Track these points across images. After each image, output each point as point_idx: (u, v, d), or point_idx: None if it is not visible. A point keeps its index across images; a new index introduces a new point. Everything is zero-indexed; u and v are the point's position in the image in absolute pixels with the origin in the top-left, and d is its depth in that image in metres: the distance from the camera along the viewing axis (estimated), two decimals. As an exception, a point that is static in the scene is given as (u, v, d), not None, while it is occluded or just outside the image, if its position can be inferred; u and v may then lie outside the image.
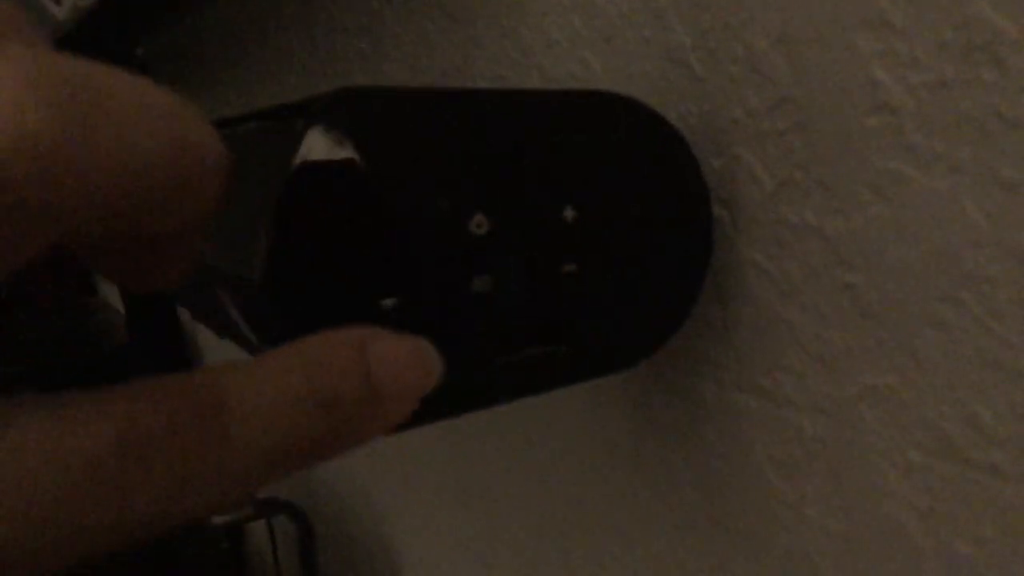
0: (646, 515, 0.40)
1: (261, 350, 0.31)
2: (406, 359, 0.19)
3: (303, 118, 0.24)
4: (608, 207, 0.28)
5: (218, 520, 0.97)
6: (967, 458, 0.25)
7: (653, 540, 0.40)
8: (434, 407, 0.26)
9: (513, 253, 0.26)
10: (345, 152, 0.24)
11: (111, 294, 1.75)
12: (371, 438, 0.18)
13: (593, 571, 0.46)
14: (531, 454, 0.49)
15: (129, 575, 0.91)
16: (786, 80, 0.27)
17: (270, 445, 0.16)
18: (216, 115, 0.77)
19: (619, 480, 0.41)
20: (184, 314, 1.25)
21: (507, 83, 0.42)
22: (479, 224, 0.26)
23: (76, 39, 0.78)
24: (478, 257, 0.26)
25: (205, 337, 1.22)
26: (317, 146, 0.24)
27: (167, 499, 0.14)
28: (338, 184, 0.28)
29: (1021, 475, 0.24)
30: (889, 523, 0.28)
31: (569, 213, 0.27)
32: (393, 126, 0.24)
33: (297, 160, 0.23)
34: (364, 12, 0.54)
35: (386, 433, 0.19)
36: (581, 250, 0.27)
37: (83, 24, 0.75)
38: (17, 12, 0.14)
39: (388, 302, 0.25)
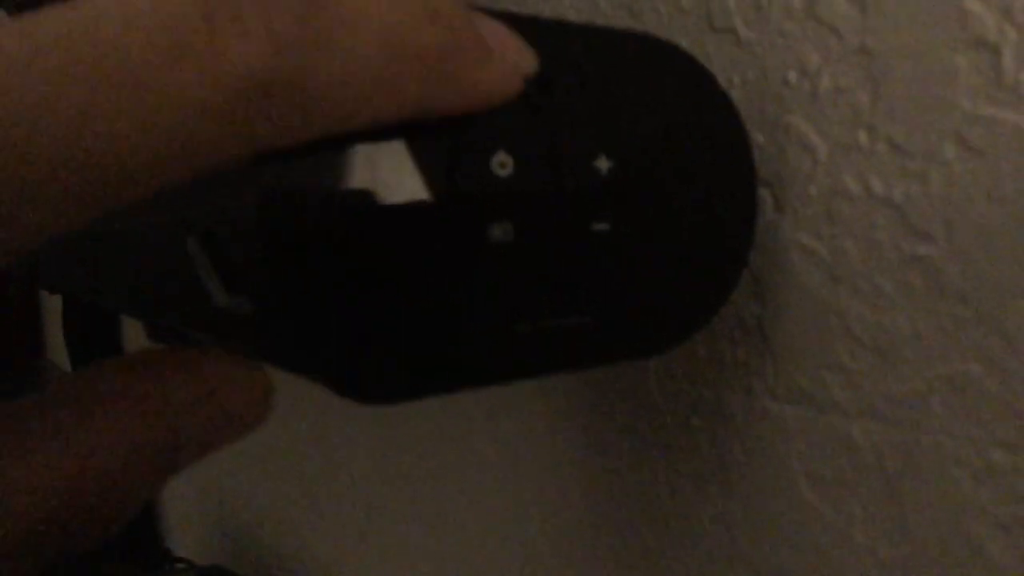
0: (653, 555, 0.36)
1: (218, 324, 0.27)
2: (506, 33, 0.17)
3: None
4: (647, 163, 0.25)
5: (155, 586, 0.90)
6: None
7: (658, 583, 0.35)
8: (445, 376, 0.23)
9: (538, 199, 0.23)
10: None
11: (59, 354, 1.69)
12: (474, 85, 0.16)
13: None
14: (510, 492, 0.45)
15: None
16: (854, 27, 0.24)
17: (378, 31, 0.14)
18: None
19: (621, 514, 0.37)
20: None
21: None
22: (502, 163, 0.22)
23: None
24: (499, 200, 0.22)
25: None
26: None
27: (272, 54, 0.12)
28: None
29: None
30: (960, 541, 0.24)
31: (603, 163, 0.24)
32: None
33: None
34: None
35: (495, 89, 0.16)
36: (614, 207, 0.24)
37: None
38: None
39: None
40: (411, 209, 0.21)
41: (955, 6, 0.22)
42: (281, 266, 0.21)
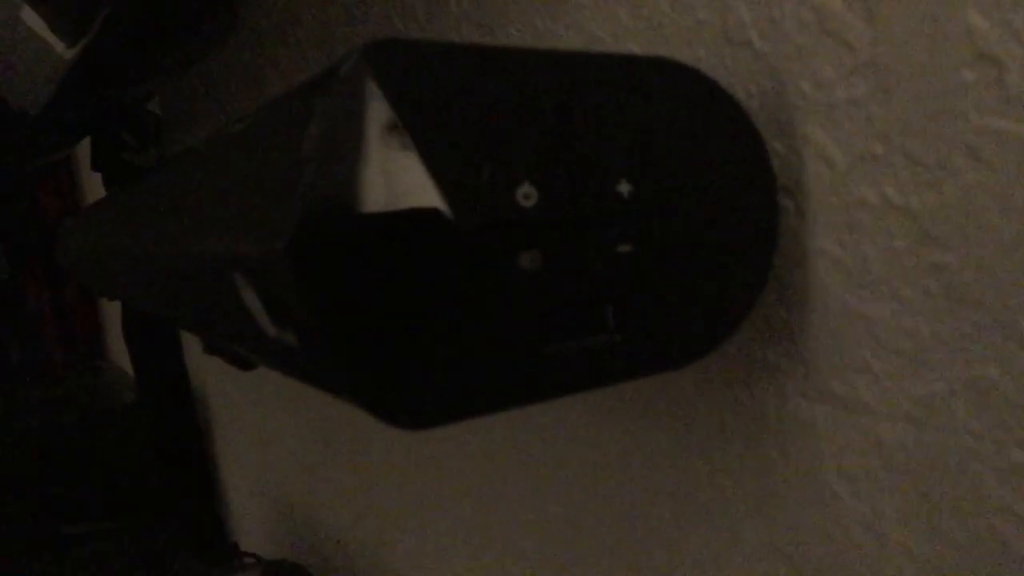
0: (694, 548, 0.36)
1: (268, 349, 0.28)
2: None
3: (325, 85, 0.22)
4: (667, 184, 0.25)
5: (224, 581, 0.92)
6: (1092, 449, 0.22)
7: (702, 577, 0.36)
8: (480, 400, 0.24)
9: (563, 227, 0.24)
10: None
11: (121, 356, 1.73)
12: None
13: (631, 618, 0.42)
14: (556, 490, 0.46)
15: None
16: (864, 41, 0.25)
17: None
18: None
19: (663, 510, 0.38)
20: (192, 374, 1.22)
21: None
22: (527, 195, 0.23)
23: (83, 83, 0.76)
24: (526, 230, 0.23)
25: (214, 396, 1.19)
26: None
27: None
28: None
29: None
30: (987, 537, 0.25)
31: (624, 188, 0.25)
32: (429, 81, 0.22)
33: None
34: (389, 35, 0.52)
35: None
36: (636, 229, 0.25)
37: (90, 65, 0.73)
38: None
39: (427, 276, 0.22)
40: (440, 244, 0.22)
41: (961, 22, 0.23)
42: (315, 304, 0.22)
